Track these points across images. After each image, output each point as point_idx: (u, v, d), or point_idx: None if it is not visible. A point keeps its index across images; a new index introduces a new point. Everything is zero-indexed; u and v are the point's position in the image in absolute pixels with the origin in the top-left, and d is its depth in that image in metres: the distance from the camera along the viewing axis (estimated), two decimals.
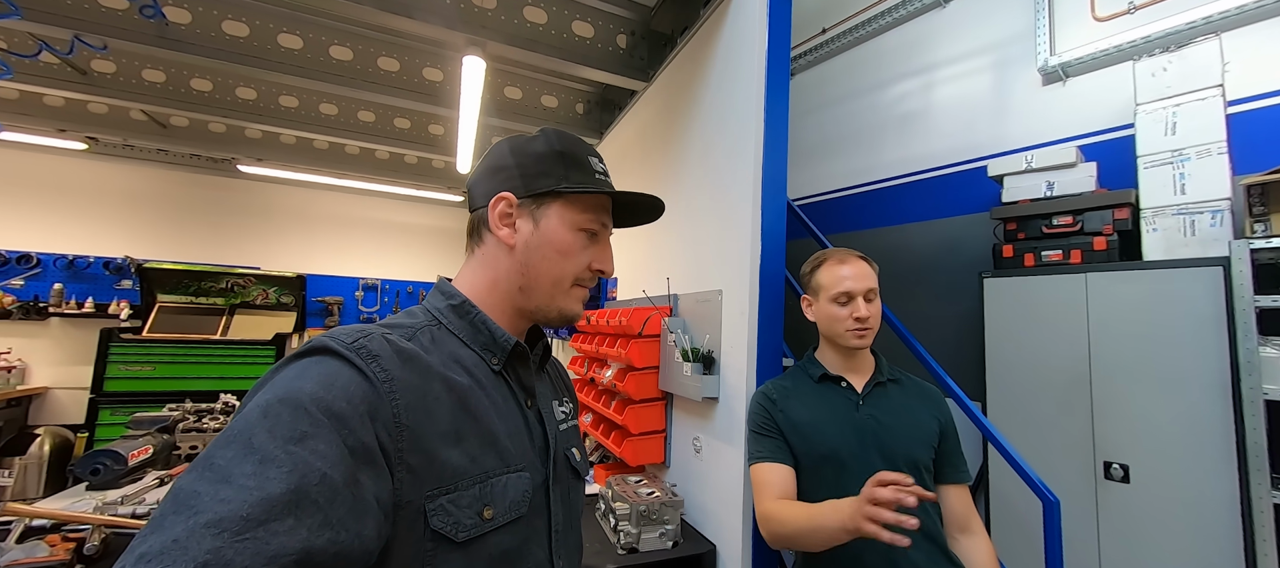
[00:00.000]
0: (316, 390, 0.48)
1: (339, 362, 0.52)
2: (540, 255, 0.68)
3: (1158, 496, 1.84)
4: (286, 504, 0.41)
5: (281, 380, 0.49)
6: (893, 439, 1.15)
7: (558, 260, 0.68)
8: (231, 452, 0.43)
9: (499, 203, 0.67)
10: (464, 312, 0.67)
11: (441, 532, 0.54)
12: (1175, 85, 2.01)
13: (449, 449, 0.56)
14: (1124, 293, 1.99)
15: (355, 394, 0.50)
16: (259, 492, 0.40)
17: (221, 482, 0.41)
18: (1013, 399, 2.27)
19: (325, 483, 0.44)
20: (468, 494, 0.56)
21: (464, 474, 0.56)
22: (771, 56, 1.50)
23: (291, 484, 0.42)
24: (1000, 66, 2.86)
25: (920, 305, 2.98)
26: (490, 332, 0.66)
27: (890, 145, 3.36)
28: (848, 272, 1.21)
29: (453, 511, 0.55)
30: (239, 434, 0.44)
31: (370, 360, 0.53)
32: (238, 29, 2.40)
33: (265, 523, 0.39)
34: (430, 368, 0.58)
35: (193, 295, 4.14)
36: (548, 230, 0.68)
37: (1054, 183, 2.33)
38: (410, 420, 0.53)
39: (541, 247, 0.68)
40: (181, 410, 2.27)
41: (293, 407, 0.46)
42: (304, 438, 0.45)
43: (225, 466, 0.42)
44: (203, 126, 3.69)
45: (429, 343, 0.61)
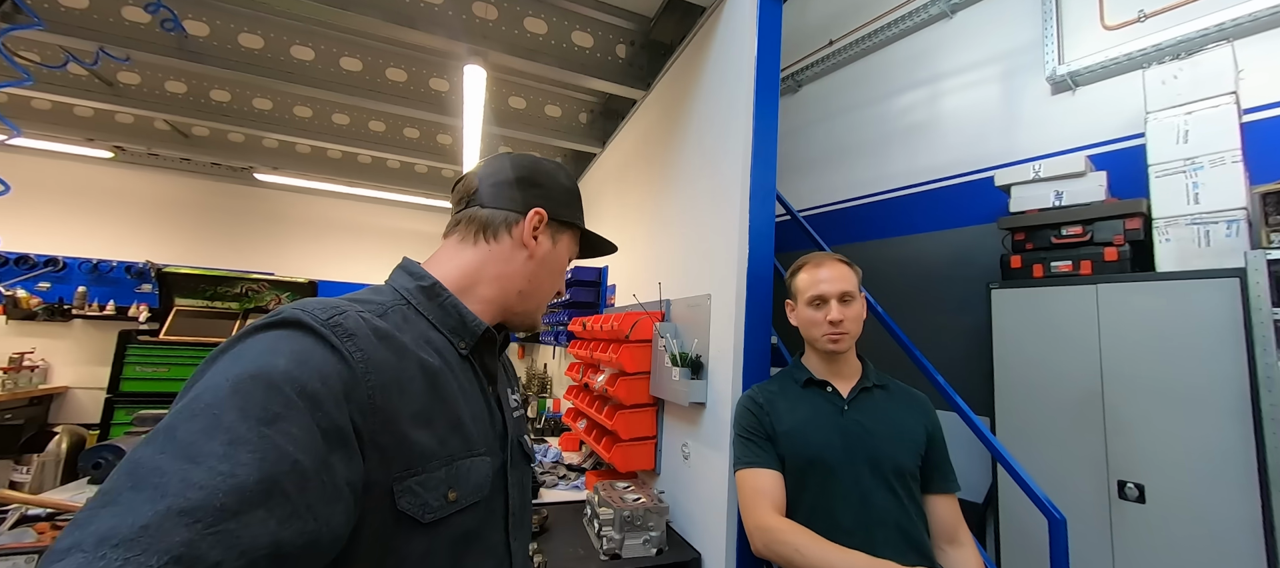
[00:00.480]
0: (290, 368, 0.46)
1: (313, 339, 0.50)
2: (547, 271, 0.76)
3: (1175, 516, 1.75)
4: (259, 494, 0.39)
5: (251, 353, 0.46)
6: (879, 445, 1.12)
7: (555, 279, 0.78)
8: (197, 426, 0.40)
9: (536, 216, 0.73)
10: (434, 294, 0.66)
11: (408, 513, 0.54)
12: (1187, 93, 1.95)
13: (419, 431, 0.55)
14: (1136, 305, 1.92)
15: (330, 374, 0.48)
16: (232, 479, 0.38)
17: (189, 461, 0.38)
18: (1022, 415, 2.20)
19: (296, 470, 0.42)
20: (435, 476, 0.56)
21: (433, 456, 0.56)
22: (760, 62, 1.50)
23: (263, 472, 0.40)
24: (1008, 76, 2.82)
25: (927, 317, 2.91)
26: (461, 316, 0.67)
27: (897, 156, 3.33)
28: (822, 274, 1.19)
29: (420, 492, 0.54)
30: (207, 408, 0.41)
31: (346, 339, 0.51)
32: (253, 42, 2.49)
33: (237, 514, 0.38)
34: (405, 348, 0.57)
35: (209, 300, 4.25)
36: (559, 253, 0.77)
37: (1063, 192, 2.28)
38: (383, 402, 0.52)
39: (550, 264, 0.76)
40: None
41: (265, 385, 0.44)
42: (276, 420, 0.43)
43: (191, 442, 0.39)
44: (223, 136, 3.82)
45: (400, 322, 0.61)
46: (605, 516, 1.41)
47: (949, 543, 1.11)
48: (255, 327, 0.50)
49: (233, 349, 0.48)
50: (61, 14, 2.17)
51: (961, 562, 1.08)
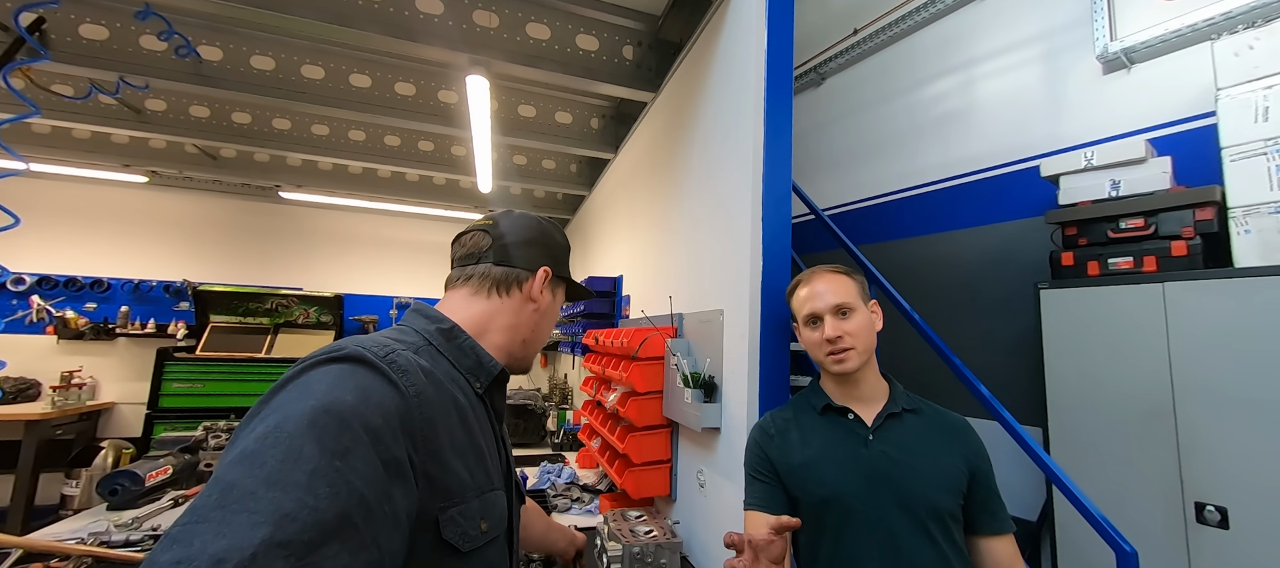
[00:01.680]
0: (356, 403, 0.49)
1: (374, 374, 0.53)
2: (547, 320, 0.84)
3: (1267, 544, 1.53)
4: (335, 528, 0.42)
5: (320, 386, 0.49)
6: (909, 481, 0.97)
7: (550, 327, 0.85)
8: (280, 454, 0.43)
9: (546, 274, 0.82)
10: (452, 336, 0.71)
11: (451, 542, 0.57)
12: (1264, 65, 1.73)
13: (457, 462, 0.59)
14: (1212, 305, 1.69)
15: (389, 409, 0.51)
16: (316, 513, 0.41)
17: (277, 488, 0.41)
18: (1079, 429, 1.99)
19: (363, 504, 0.45)
20: (471, 507, 0.60)
21: (468, 488, 0.60)
22: (771, 53, 1.38)
23: (338, 506, 0.43)
24: (1052, 57, 2.59)
25: (967, 321, 2.71)
26: (478, 357, 0.71)
27: (930, 148, 3.12)
28: (810, 291, 1.08)
29: (460, 522, 0.58)
30: (289, 438, 0.44)
31: (401, 375, 0.55)
32: (264, 63, 2.51)
33: (319, 547, 0.41)
34: (442, 384, 0.61)
35: (242, 316, 4.38)
36: (556, 303, 0.86)
37: (1120, 181, 2.06)
38: (431, 434, 0.56)
39: (550, 314, 0.84)
40: (213, 428, 2.34)
41: (338, 419, 0.47)
42: (346, 454, 0.45)
43: (277, 470, 0.42)
44: (249, 157, 3.92)
45: (432, 360, 0.64)
46: (613, 551, 1.31)
47: None
48: (319, 359, 0.53)
49: (299, 380, 0.51)
50: (83, 45, 2.23)
51: None
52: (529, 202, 4.67)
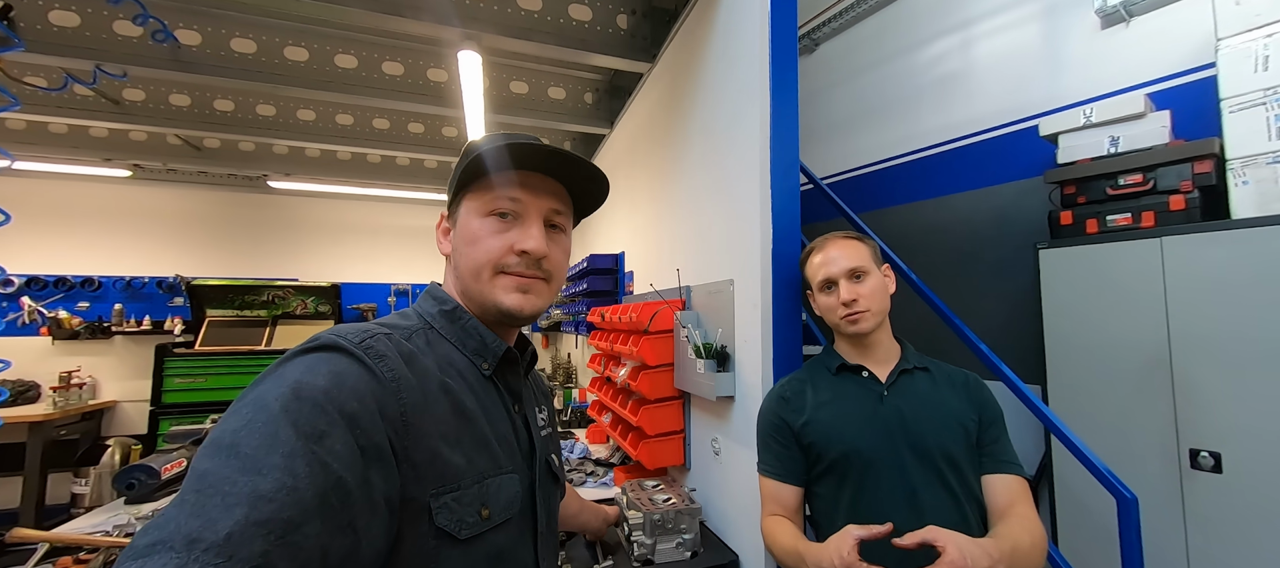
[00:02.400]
0: (329, 387, 0.48)
1: (348, 359, 0.52)
2: (460, 254, 0.69)
3: (1257, 486, 1.59)
4: (313, 507, 0.42)
5: (293, 374, 0.49)
6: (922, 431, 1.01)
7: (470, 251, 0.67)
8: (256, 441, 0.43)
9: (439, 223, 0.73)
10: (455, 317, 0.68)
11: (446, 529, 0.55)
12: (1266, 12, 1.71)
13: (449, 449, 0.57)
14: (1208, 257, 1.72)
15: (365, 392, 0.51)
16: (294, 492, 0.41)
17: (254, 473, 0.41)
18: (1077, 383, 2.04)
19: (341, 486, 0.44)
20: (469, 493, 0.58)
21: (463, 474, 0.58)
22: (775, 16, 1.35)
23: (317, 487, 0.43)
24: (1050, 13, 2.56)
25: (968, 283, 2.74)
26: (481, 337, 0.67)
27: (928, 111, 3.10)
28: (825, 257, 1.11)
29: (455, 508, 0.56)
30: (263, 425, 0.44)
31: (378, 360, 0.54)
32: (245, 46, 2.43)
33: (299, 526, 0.41)
34: (429, 370, 0.59)
35: (238, 309, 4.34)
36: (461, 227, 0.69)
37: (1119, 137, 2.06)
38: (415, 419, 0.54)
39: (460, 244, 0.69)
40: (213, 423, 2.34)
41: (310, 404, 0.46)
42: (322, 437, 0.45)
43: (253, 455, 0.42)
44: (233, 146, 3.83)
45: (424, 346, 0.62)
46: (634, 519, 1.34)
47: (1000, 519, 0.97)
48: (295, 351, 0.53)
49: (276, 372, 0.50)
50: (54, 34, 2.15)
51: (1000, 531, 0.94)
52: None
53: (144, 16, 2.06)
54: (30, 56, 2.13)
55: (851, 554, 0.85)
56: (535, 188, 0.68)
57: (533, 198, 0.68)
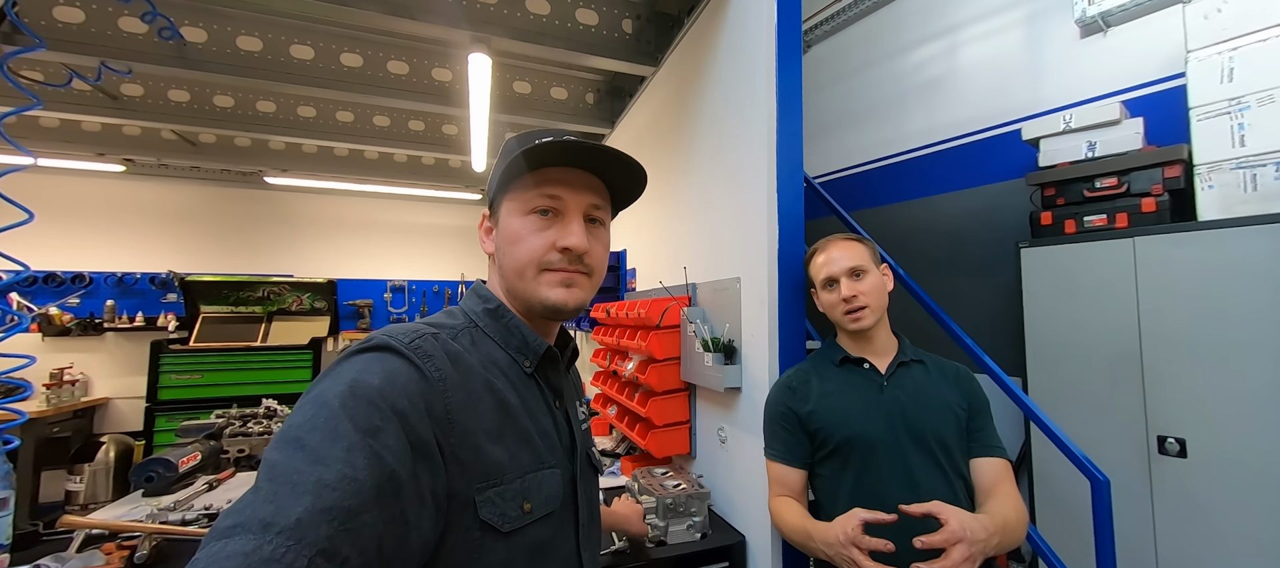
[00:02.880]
0: (382, 385, 0.51)
1: (399, 359, 0.55)
2: (503, 253, 0.70)
3: (1218, 469, 1.73)
4: (371, 497, 0.45)
5: (349, 373, 0.52)
6: (920, 419, 1.11)
7: (513, 250, 0.69)
8: (319, 436, 0.46)
9: (482, 223, 0.75)
10: (499, 316, 0.70)
11: (489, 523, 0.57)
12: (1231, 27, 1.84)
13: (493, 446, 0.59)
14: (1177, 256, 1.85)
15: (414, 391, 0.53)
16: (355, 482, 0.44)
17: (319, 464, 0.44)
18: (1055, 375, 2.17)
19: (395, 479, 0.47)
20: (511, 488, 0.60)
21: (506, 469, 0.60)
22: (781, 27, 1.43)
23: (375, 479, 0.45)
24: (1032, 21, 2.69)
25: (953, 280, 2.86)
26: (523, 336, 0.69)
27: (915, 114, 3.22)
28: (826, 257, 1.20)
29: (499, 503, 0.58)
30: (325, 421, 0.47)
31: (426, 360, 0.56)
32: (251, 44, 2.44)
33: (359, 514, 0.43)
34: (473, 369, 0.61)
35: (233, 305, 4.32)
36: (503, 227, 0.70)
37: (1096, 142, 2.18)
38: (459, 417, 0.56)
39: (502, 244, 0.70)
40: (227, 417, 2.38)
41: (366, 400, 0.49)
42: (377, 432, 0.48)
43: (317, 448, 0.45)
44: (229, 142, 3.81)
45: (469, 345, 0.64)
46: (647, 503, 1.42)
47: (987, 497, 1.08)
48: (351, 351, 0.56)
49: (334, 372, 0.53)
50: (59, 30, 2.14)
51: (990, 508, 1.04)
52: None
53: (153, 14, 2.07)
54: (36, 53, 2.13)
55: (856, 531, 0.94)
56: (574, 184, 0.68)
57: (572, 194, 0.68)
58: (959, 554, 0.85)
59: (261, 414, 2.49)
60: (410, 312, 4.96)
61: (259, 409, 2.53)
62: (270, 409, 2.54)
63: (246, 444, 2.24)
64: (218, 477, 1.93)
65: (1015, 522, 1.01)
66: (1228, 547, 1.68)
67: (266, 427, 2.35)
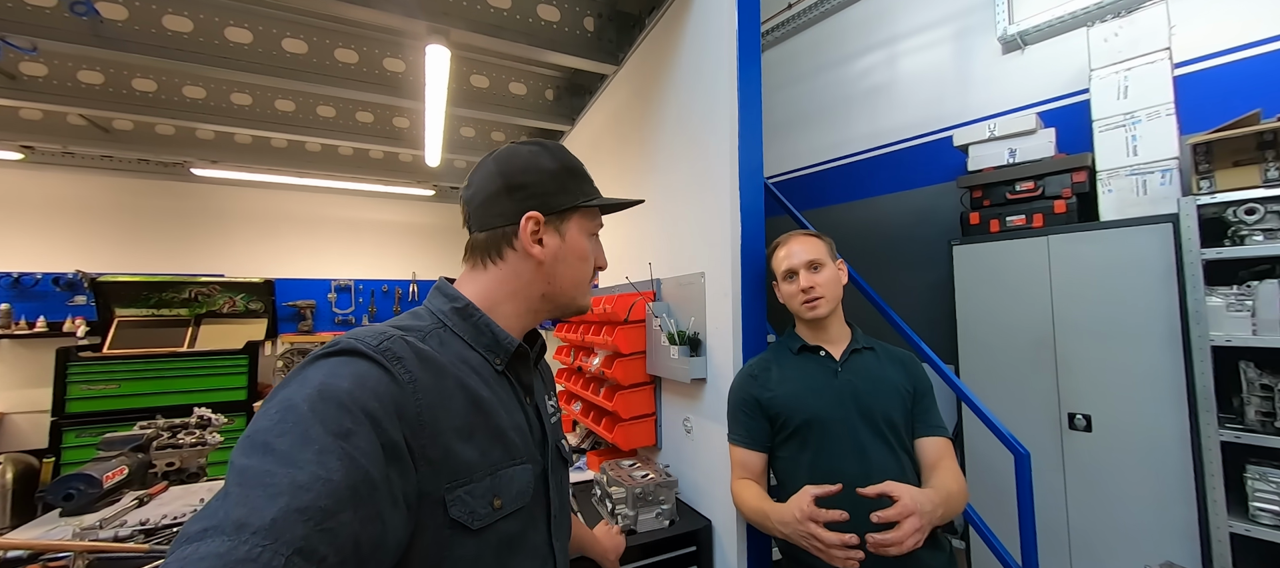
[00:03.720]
0: (353, 389, 0.51)
1: (368, 363, 0.55)
2: (566, 265, 0.75)
3: (1118, 441, 1.96)
4: (346, 497, 0.45)
5: (316, 377, 0.52)
6: (870, 401, 1.20)
7: (580, 266, 0.77)
8: (290, 439, 0.46)
9: (529, 222, 0.72)
10: (467, 315, 0.70)
11: (459, 520, 0.58)
12: (1125, 50, 2.08)
13: (463, 445, 0.60)
14: (1083, 253, 2.08)
15: (384, 394, 0.53)
16: (329, 483, 0.44)
17: (292, 466, 0.44)
18: (983, 360, 2.38)
19: (369, 480, 0.47)
20: (480, 486, 0.61)
21: (476, 467, 0.61)
22: (742, 33, 1.50)
23: (349, 480, 0.45)
24: (961, 36, 2.92)
25: (894, 275, 3.06)
26: (494, 334, 0.70)
27: (859, 119, 3.41)
28: (788, 251, 1.29)
29: (468, 501, 0.59)
30: (295, 424, 0.47)
31: (395, 362, 0.56)
32: (180, 24, 2.26)
33: (335, 514, 0.43)
34: (444, 368, 0.61)
35: (154, 308, 3.96)
36: (572, 241, 0.75)
37: (1016, 150, 2.41)
38: (430, 419, 0.57)
39: (568, 257, 0.75)
40: (154, 428, 2.19)
41: (336, 404, 0.49)
42: (349, 435, 0.48)
43: (289, 452, 0.45)
44: (149, 129, 3.49)
45: (438, 345, 0.65)
46: (618, 494, 1.45)
47: (930, 473, 1.19)
48: (316, 356, 0.56)
49: (299, 376, 0.53)
50: None
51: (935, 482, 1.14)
52: None
53: None
54: None
55: (810, 507, 1.01)
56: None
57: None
58: (911, 526, 0.93)
59: (193, 424, 2.31)
60: (357, 313, 4.72)
61: (191, 419, 2.34)
62: (203, 418, 2.36)
63: (177, 457, 2.08)
64: (148, 492, 1.78)
65: (957, 494, 1.12)
66: (1126, 509, 1.92)
67: (199, 437, 2.19)
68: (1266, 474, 1.62)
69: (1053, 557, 2.07)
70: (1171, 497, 1.81)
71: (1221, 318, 1.70)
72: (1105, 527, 1.97)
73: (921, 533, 0.95)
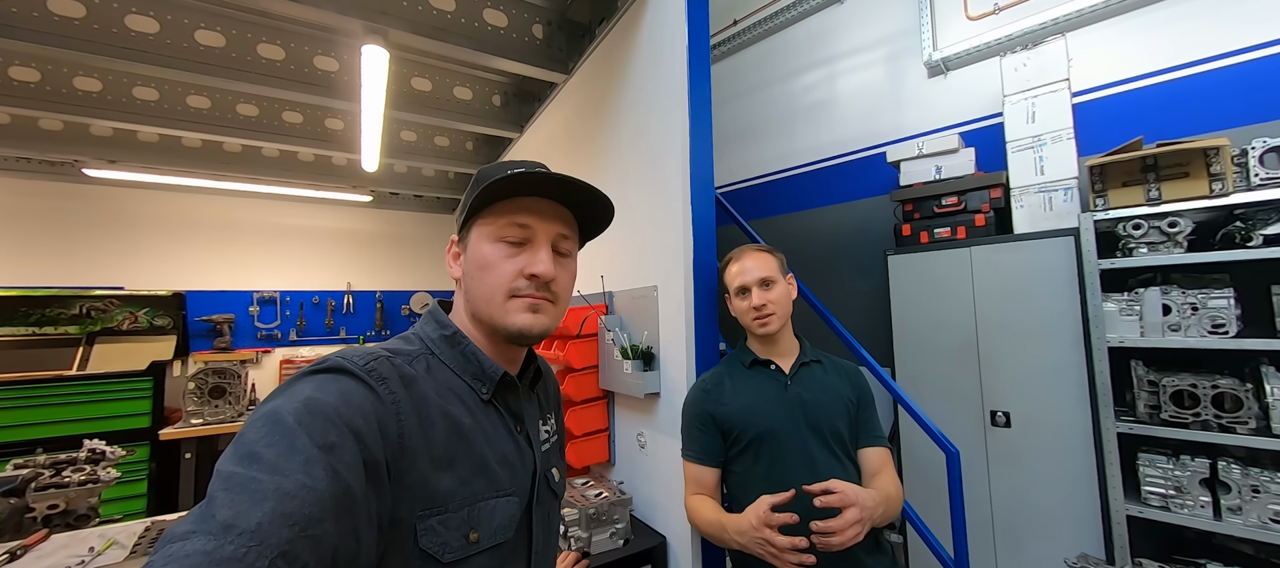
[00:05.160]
0: (339, 404, 0.52)
1: (354, 381, 0.55)
2: (471, 278, 0.70)
3: (1033, 435, 2.14)
4: (330, 506, 0.45)
5: (304, 391, 0.52)
6: (818, 413, 1.24)
7: (481, 277, 0.69)
8: (277, 449, 0.46)
9: (450, 249, 0.74)
10: (455, 342, 0.69)
11: (429, 551, 0.57)
12: (1032, 79, 2.30)
13: (441, 473, 0.59)
14: (1000, 262, 2.27)
15: (369, 411, 0.54)
16: (314, 491, 0.44)
17: (278, 474, 0.44)
18: (916, 362, 2.53)
19: (350, 494, 0.48)
20: (456, 517, 0.59)
21: (453, 497, 0.60)
22: (692, 45, 1.51)
23: (333, 490, 0.46)
24: (893, 59, 3.11)
25: (834, 283, 3.21)
26: (480, 363, 0.69)
27: (801, 133, 3.56)
28: (741, 267, 1.31)
29: (441, 532, 0.58)
30: (282, 435, 0.47)
31: (380, 382, 0.57)
32: (71, 9, 2.00)
33: (319, 521, 0.44)
34: (427, 394, 0.61)
35: (36, 326, 3.48)
36: (472, 252, 0.71)
37: (942, 167, 2.59)
38: (410, 441, 0.57)
39: (470, 270, 0.71)
40: (32, 466, 1.91)
41: (322, 417, 0.50)
42: (334, 448, 0.48)
43: (275, 460, 0.45)
44: (31, 124, 3.07)
45: (424, 371, 0.64)
46: (570, 516, 1.41)
47: (871, 480, 1.25)
48: (303, 373, 0.56)
49: (287, 391, 0.53)
50: None
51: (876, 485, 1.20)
52: (417, 181, 4.33)
53: None
54: None
55: (766, 514, 1.03)
56: (543, 213, 0.70)
57: (541, 223, 0.70)
58: (852, 516, 0.99)
59: (83, 459, 2.04)
60: (284, 327, 4.37)
61: (79, 453, 2.06)
62: (96, 452, 2.08)
63: (62, 498, 1.83)
64: (24, 543, 1.55)
65: (895, 496, 1.18)
66: (1042, 497, 2.09)
67: (90, 474, 1.93)
68: (1155, 461, 1.82)
69: (979, 544, 2.22)
70: (1079, 484, 1.99)
71: (1116, 321, 1.90)
72: (1025, 514, 2.14)
73: (862, 526, 1.01)
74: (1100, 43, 2.34)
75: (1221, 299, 1.73)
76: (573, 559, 1.18)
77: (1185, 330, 1.78)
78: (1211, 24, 2.10)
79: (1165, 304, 1.82)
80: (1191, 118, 2.12)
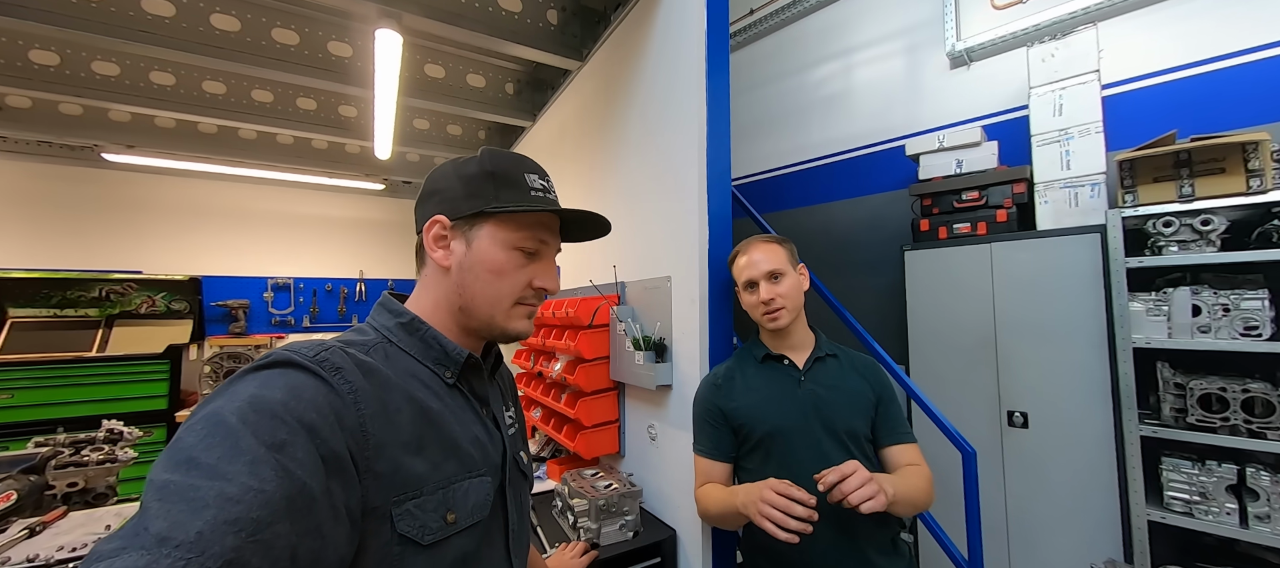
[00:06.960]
0: (287, 399, 0.49)
1: (303, 374, 0.53)
2: (474, 276, 0.68)
3: (1051, 436, 2.09)
4: (281, 508, 0.42)
5: (247, 389, 0.49)
6: (833, 411, 1.19)
7: (492, 280, 0.69)
8: (219, 452, 0.43)
9: (433, 226, 0.69)
10: (413, 329, 0.67)
11: (408, 535, 0.56)
12: (1061, 70, 2.23)
13: (412, 458, 0.58)
14: (1021, 259, 2.21)
15: (323, 404, 0.51)
16: (262, 494, 0.42)
17: (220, 479, 0.41)
18: (931, 360, 2.48)
19: (306, 492, 0.45)
20: (432, 499, 0.58)
21: (427, 480, 0.58)
22: (711, 33, 1.48)
23: (284, 491, 0.43)
24: (912, 50, 3.04)
25: (848, 278, 3.16)
26: (442, 346, 0.68)
27: (816, 126, 3.50)
28: (748, 260, 1.26)
29: (418, 515, 0.57)
30: (224, 437, 0.44)
31: (334, 373, 0.54)
32: None
33: (270, 524, 0.41)
34: (389, 380, 0.59)
35: (57, 308, 3.55)
36: (480, 251, 0.68)
37: (962, 161, 2.53)
38: (375, 429, 0.55)
39: (475, 267, 0.68)
40: (52, 445, 1.94)
41: (269, 415, 0.47)
42: (284, 446, 0.46)
43: (216, 464, 0.42)
44: (51, 108, 3.11)
45: (384, 359, 0.62)
46: (580, 507, 1.40)
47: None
48: (246, 370, 0.52)
49: (227, 390, 0.50)
50: None
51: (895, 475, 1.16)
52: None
53: None
54: None
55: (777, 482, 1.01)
56: (554, 230, 0.74)
57: (553, 239, 0.74)
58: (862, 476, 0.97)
59: (101, 438, 2.07)
60: (297, 313, 4.42)
61: (98, 433, 2.09)
62: (113, 432, 2.11)
63: (81, 476, 1.86)
64: (42, 519, 1.57)
65: (923, 483, 1.14)
66: (1059, 500, 2.05)
67: (109, 453, 1.96)
68: (1179, 466, 1.77)
69: (994, 547, 2.18)
70: (1098, 488, 1.95)
71: (1142, 321, 1.84)
72: (1041, 517, 2.10)
73: (872, 488, 0.96)
74: (1132, 32, 2.26)
75: (1256, 300, 1.66)
76: (582, 549, 1.17)
77: (1216, 332, 1.72)
78: (1249, 13, 2.01)
79: (1195, 305, 1.76)
80: (1226, 112, 2.04)
